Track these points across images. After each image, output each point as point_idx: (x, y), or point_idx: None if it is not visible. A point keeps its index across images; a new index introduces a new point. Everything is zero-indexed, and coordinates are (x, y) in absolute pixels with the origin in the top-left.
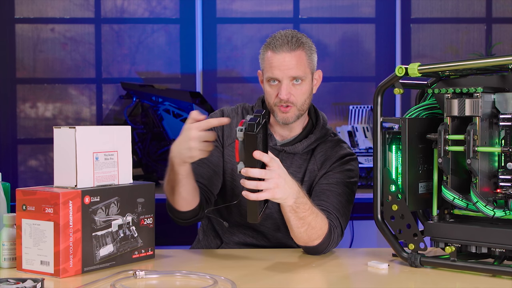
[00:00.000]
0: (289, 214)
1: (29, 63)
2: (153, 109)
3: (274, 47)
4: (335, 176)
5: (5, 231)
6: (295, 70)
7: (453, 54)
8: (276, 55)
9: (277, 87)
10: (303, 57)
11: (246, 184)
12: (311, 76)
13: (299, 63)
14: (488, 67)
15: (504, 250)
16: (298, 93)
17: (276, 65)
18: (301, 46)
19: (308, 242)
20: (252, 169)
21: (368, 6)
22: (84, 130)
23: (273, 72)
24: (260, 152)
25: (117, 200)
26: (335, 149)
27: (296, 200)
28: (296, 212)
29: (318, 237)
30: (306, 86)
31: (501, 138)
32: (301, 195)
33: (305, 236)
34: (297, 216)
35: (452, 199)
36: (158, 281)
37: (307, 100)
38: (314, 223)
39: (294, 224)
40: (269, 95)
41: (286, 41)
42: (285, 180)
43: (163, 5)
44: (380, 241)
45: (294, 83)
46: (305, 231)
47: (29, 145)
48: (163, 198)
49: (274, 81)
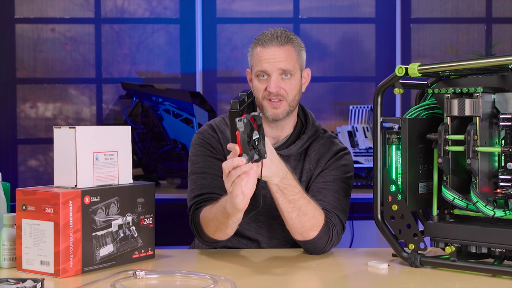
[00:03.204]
0: (276, 194)
1: (29, 63)
2: (153, 109)
3: (263, 42)
4: (331, 173)
5: (5, 231)
6: (284, 63)
7: (453, 54)
8: (265, 49)
9: (266, 82)
10: (292, 52)
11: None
12: (300, 73)
13: (288, 58)
14: (488, 67)
15: (504, 250)
16: (287, 87)
17: (265, 58)
18: (291, 42)
19: (303, 234)
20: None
21: (368, 6)
22: (84, 130)
23: (262, 65)
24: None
25: (117, 200)
26: (328, 145)
27: (282, 180)
28: (284, 194)
29: (312, 226)
30: (295, 81)
31: (501, 138)
32: (289, 176)
33: (298, 224)
34: (286, 198)
35: (452, 199)
36: (158, 281)
37: (296, 96)
38: (306, 208)
39: (284, 208)
40: (257, 90)
41: (276, 37)
42: (271, 159)
43: (163, 5)
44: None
45: (283, 77)
46: (296, 216)
47: (29, 145)
48: (163, 198)
49: (263, 75)
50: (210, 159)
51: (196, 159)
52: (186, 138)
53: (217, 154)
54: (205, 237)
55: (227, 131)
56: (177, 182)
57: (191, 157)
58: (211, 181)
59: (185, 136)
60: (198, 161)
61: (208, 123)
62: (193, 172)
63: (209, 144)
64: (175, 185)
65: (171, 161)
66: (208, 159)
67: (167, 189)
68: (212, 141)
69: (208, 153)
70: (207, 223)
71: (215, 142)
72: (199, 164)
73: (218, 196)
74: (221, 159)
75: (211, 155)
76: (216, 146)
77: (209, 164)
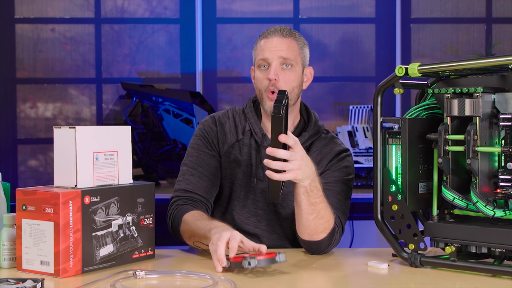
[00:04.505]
0: (302, 196)
1: (29, 63)
2: (153, 109)
3: (267, 34)
4: (333, 174)
5: (5, 231)
6: (285, 52)
7: (453, 54)
8: (268, 40)
9: (267, 71)
10: (294, 44)
11: (271, 164)
12: (301, 68)
13: (290, 48)
14: (488, 67)
15: (504, 250)
16: (286, 78)
17: (267, 47)
18: (293, 36)
19: (313, 235)
20: (278, 149)
21: (368, 6)
22: (84, 130)
23: (264, 54)
24: (285, 136)
25: (117, 200)
26: (330, 146)
27: (312, 182)
28: (309, 196)
29: (324, 230)
30: (296, 73)
31: (501, 138)
32: (317, 179)
33: (312, 226)
34: (309, 200)
35: (452, 199)
36: (158, 281)
37: (295, 89)
38: (323, 212)
39: (304, 209)
40: (259, 80)
41: (279, 29)
42: (306, 162)
43: (163, 5)
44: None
45: (283, 68)
46: (313, 219)
47: (29, 145)
48: (163, 198)
49: (265, 65)
50: (203, 155)
51: (191, 152)
52: (186, 138)
53: (211, 150)
54: (178, 234)
55: (227, 124)
56: None
57: (189, 147)
58: (197, 179)
59: (185, 136)
60: (192, 154)
61: (211, 114)
62: (185, 164)
63: (207, 138)
64: None
65: (171, 161)
66: (202, 155)
67: (167, 189)
68: (210, 134)
69: (203, 148)
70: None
71: (213, 135)
72: (192, 158)
73: (199, 198)
74: (214, 155)
75: (206, 150)
76: (212, 140)
77: (201, 161)
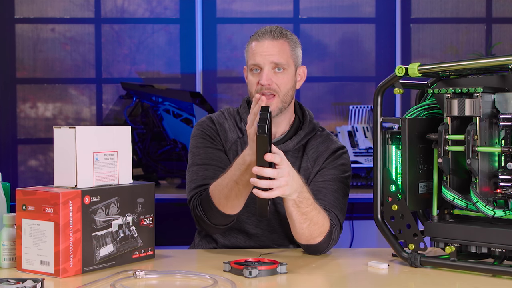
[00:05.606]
0: (291, 208)
1: (29, 63)
2: (153, 109)
3: (257, 36)
4: (330, 172)
5: (5, 231)
6: (276, 57)
7: (453, 54)
8: (259, 43)
9: (259, 75)
10: (286, 46)
11: (258, 183)
12: (294, 69)
13: (281, 52)
14: (488, 67)
15: (504, 250)
16: (280, 82)
17: (258, 52)
18: (284, 37)
19: (309, 240)
20: (264, 168)
21: (368, 6)
22: (84, 130)
23: (255, 59)
24: (272, 155)
25: (117, 200)
26: (326, 143)
27: (299, 194)
28: (299, 207)
29: (320, 234)
30: (288, 76)
31: (501, 138)
32: (305, 190)
33: (307, 233)
34: (300, 211)
35: (452, 199)
36: (158, 281)
37: (289, 92)
38: (316, 219)
39: (296, 220)
40: (251, 84)
41: (270, 31)
42: (292, 177)
43: (163, 5)
44: (380, 241)
45: (276, 71)
46: (307, 227)
47: (29, 145)
48: (163, 198)
49: (257, 69)
50: (211, 150)
51: (197, 151)
52: (186, 138)
53: (218, 145)
54: (214, 214)
55: (226, 123)
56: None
57: (192, 149)
58: (213, 172)
59: (185, 136)
60: (199, 153)
61: (206, 116)
62: (195, 164)
63: (209, 135)
64: (175, 185)
65: (171, 161)
66: (210, 150)
67: (167, 189)
68: (211, 132)
69: (209, 144)
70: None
71: (214, 133)
72: (201, 156)
73: None
74: (221, 149)
75: (212, 146)
76: (215, 137)
77: (211, 156)
